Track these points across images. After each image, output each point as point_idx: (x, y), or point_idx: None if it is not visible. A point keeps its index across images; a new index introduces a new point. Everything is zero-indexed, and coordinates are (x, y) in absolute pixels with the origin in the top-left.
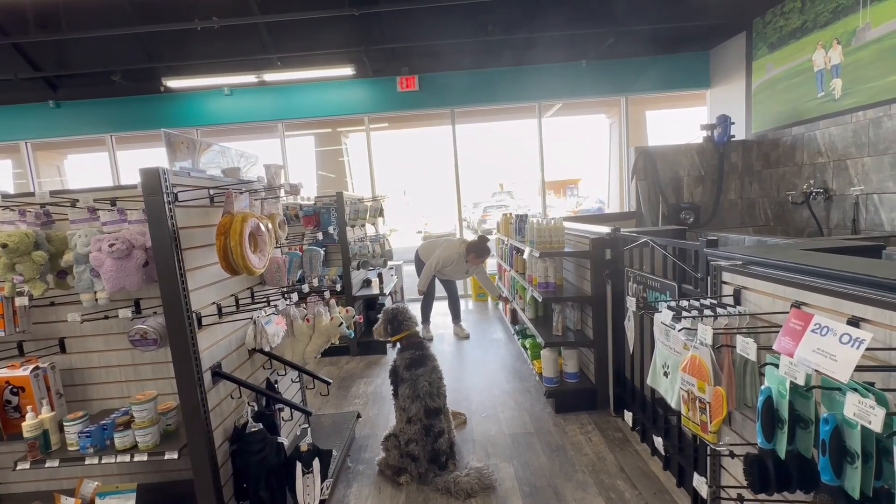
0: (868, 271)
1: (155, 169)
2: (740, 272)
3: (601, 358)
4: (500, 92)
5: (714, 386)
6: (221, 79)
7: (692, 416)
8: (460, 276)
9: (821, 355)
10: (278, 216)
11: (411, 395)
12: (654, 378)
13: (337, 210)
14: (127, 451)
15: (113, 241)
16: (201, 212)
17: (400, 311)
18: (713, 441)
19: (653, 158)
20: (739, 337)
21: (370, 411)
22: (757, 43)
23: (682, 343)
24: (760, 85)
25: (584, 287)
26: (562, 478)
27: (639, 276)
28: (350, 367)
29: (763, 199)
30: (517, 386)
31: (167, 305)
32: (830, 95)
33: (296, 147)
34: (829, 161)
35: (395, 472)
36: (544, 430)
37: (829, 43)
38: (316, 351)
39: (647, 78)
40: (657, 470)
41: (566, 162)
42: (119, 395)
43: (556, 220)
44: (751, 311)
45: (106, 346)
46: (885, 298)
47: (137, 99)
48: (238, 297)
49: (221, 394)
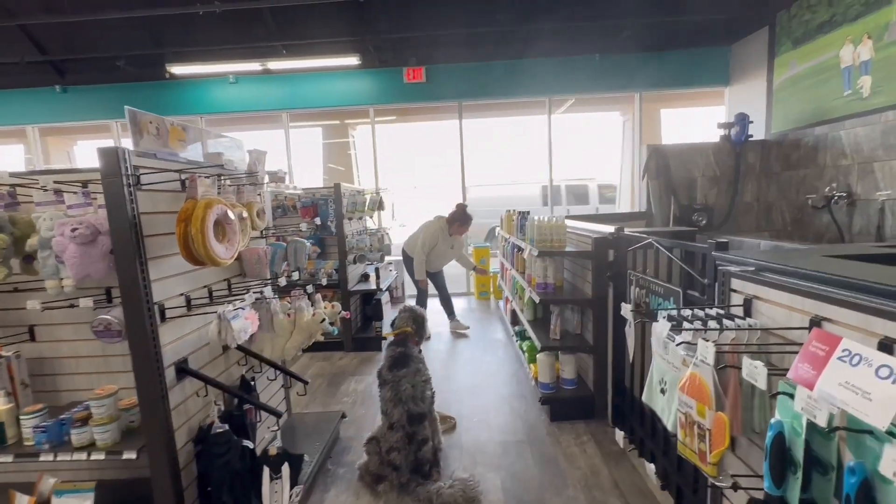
0: None
1: (114, 148)
2: (752, 279)
3: (601, 365)
4: (509, 85)
5: (715, 411)
6: (226, 66)
7: (689, 443)
8: (448, 256)
9: (850, 391)
10: (257, 204)
11: (393, 398)
12: (649, 394)
13: (335, 202)
14: (84, 449)
15: (76, 226)
16: (170, 197)
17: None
18: (712, 474)
19: (665, 157)
20: (746, 359)
21: (358, 411)
22: (780, 38)
23: (682, 358)
24: (783, 82)
25: (585, 289)
26: (551, 492)
27: (642, 280)
28: (343, 363)
29: (781, 202)
30: (513, 390)
31: (125, 295)
32: (858, 94)
33: (303, 139)
34: (854, 163)
35: (374, 479)
36: (537, 439)
37: (858, 38)
38: (296, 348)
39: (664, 74)
40: (654, 489)
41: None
42: (88, 387)
43: (558, 217)
44: (763, 325)
45: (75, 335)
46: None
47: (142, 85)
48: (212, 289)
49: (187, 391)
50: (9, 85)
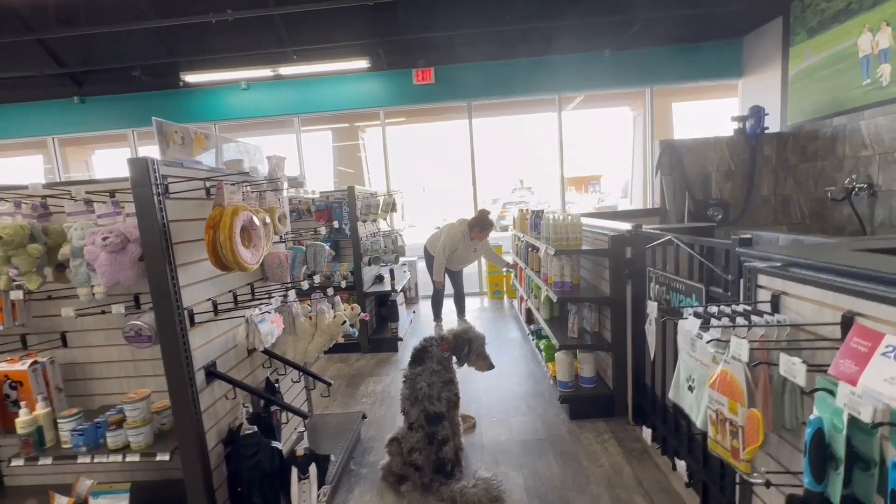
0: None
1: (143, 159)
2: (780, 275)
3: (620, 363)
4: (518, 84)
5: (749, 407)
6: (238, 73)
7: (721, 440)
8: (470, 259)
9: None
10: (278, 209)
11: (409, 396)
12: (676, 392)
13: (348, 205)
14: (119, 451)
15: (106, 235)
16: (197, 205)
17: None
18: (745, 470)
19: (679, 152)
20: (784, 355)
21: (378, 411)
22: (795, 28)
23: (711, 356)
24: (798, 73)
25: (602, 287)
26: (574, 490)
27: (662, 277)
28: (360, 364)
29: (798, 194)
30: (530, 389)
31: (157, 301)
32: (877, 83)
33: (313, 142)
34: (875, 154)
35: (397, 479)
36: (557, 438)
37: (876, 26)
38: (318, 350)
39: (675, 68)
40: (679, 486)
41: (588, 157)
42: (119, 391)
43: (574, 216)
44: (793, 321)
45: (106, 340)
46: None
47: (157, 94)
48: (237, 293)
49: (216, 394)
50: (29, 97)
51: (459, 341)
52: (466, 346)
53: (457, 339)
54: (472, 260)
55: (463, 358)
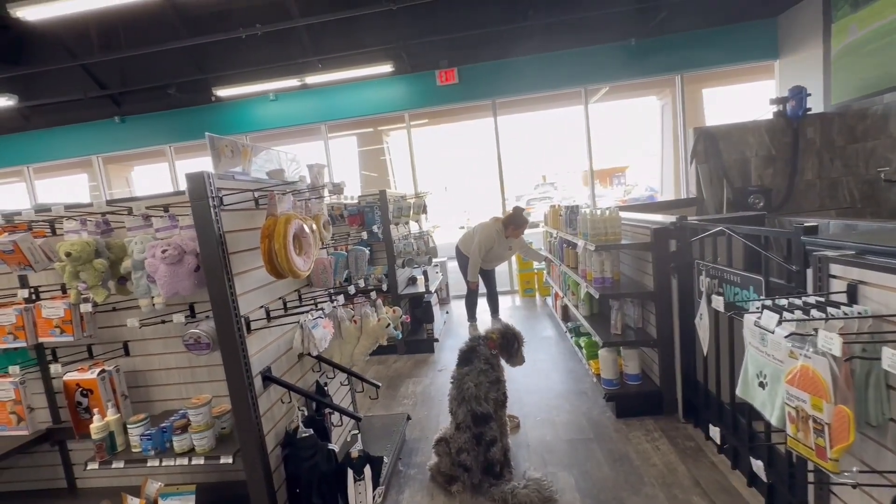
0: None
1: (200, 174)
2: (858, 264)
3: (667, 359)
4: (542, 79)
5: (835, 404)
6: (266, 85)
7: (803, 438)
8: (505, 257)
9: None
10: (322, 216)
11: (457, 396)
12: (745, 389)
13: (380, 208)
14: (185, 455)
15: (165, 248)
16: (247, 215)
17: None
18: (833, 470)
19: (714, 139)
20: (887, 349)
21: (420, 412)
22: (836, 3)
23: (787, 350)
24: (841, 49)
25: (646, 282)
26: (628, 490)
27: (713, 270)
28: (398, 366)
29: (847, 177)
30: (572, 387)
31: (216, 310)
32: None
33: (339, 148)
34: None
35: (447, 480)
36: (605, 437)
37: None
38: (364, 352)
39: (706, 52)
40: (740, 486)
41: (612, 149)
42: (178, 397)
43: (612, 210)
44: (875, 312)
45: (165, 349)
46: None
47: (191, 110)
48: (286, 299)
49: (272, 398)
50: (75, 120)
51: (507, 338)
52: (515, 342)
53: (504, 337)
54: (506, 258)
55: (513, 354)
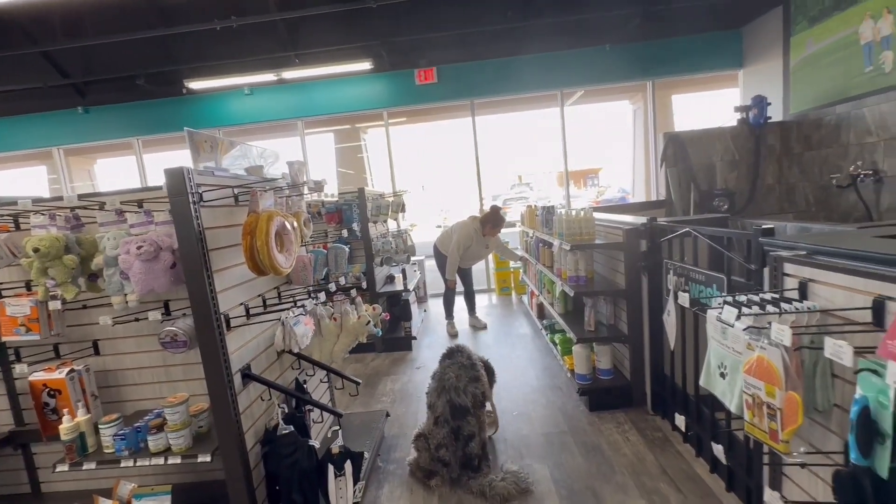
0: None
1: (179, 169)
2: (808, 263)
3: (637, 354)
4: (520, 81)
5: (786, 391)
6: (241, 79)
7: (758, 423)
8: (482, 255)
9: None
10: (303, 214)
11: (437, 388)
12: (707, 379)
13: (359, 206)
14: (161, 454)
15: (140, 244)
16: (226, 211)
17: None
18: (784, 451)
19: (683, 144)
20: (828, 339)
21: (398, 409)
22: (795, 17)
23: (745, 342)
24: (799, 62)
25: (617, 280)
26: (600, 479)
27: (680, 269)
28: (376, 364)
29: (804, 183)
30: (547, 383)
31: (195, 307)
32: (880, 69)
33: (315, 145)
34: (880, 140)
35: (426, 474)
36: (578, 429)
37: (878, 13)
38: (344, 350)
39: (675, 60)
40: (703, 472)
41: (586, 151)
42: (152, 397)
43: (587, 210)
44: (822, 307)
45: (138, 347)
46: None
47: (161, 102)
48: (265, 297)
49: (252, 396)
50: (34, 109)
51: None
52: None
53: (486, 366)
54: (483, 257)
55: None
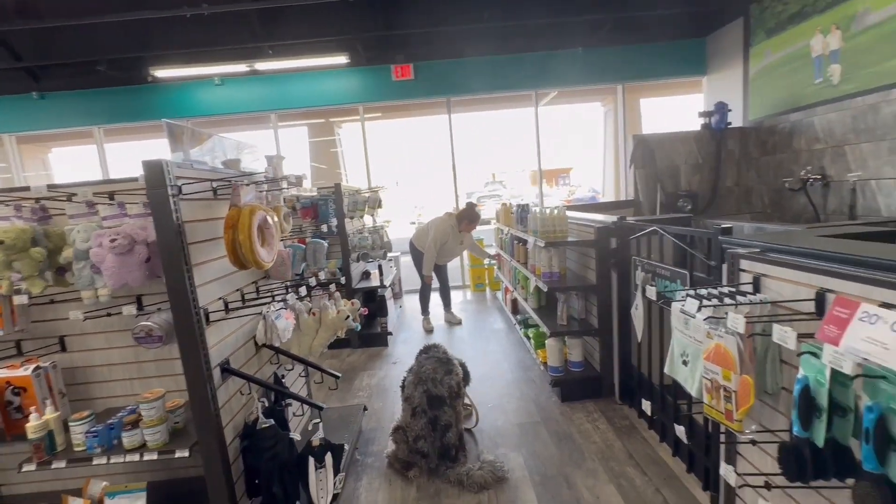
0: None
1: (158, 161)
2: (760, 259)
3: (606, 346)
4: (496, 80)
5: (741, 374)
6: (211, 68)
7: (716, 405)
8: (457, 252)
9: (871, 344)
10: (283, 208)
11: (414, 380)
12: (671, 367)
13: (335, 202)
14: (136, 451)
15: (114, 237)
16: (204, 205)
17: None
18: (738, 429)
19: (651, 147)
20: (776, 326)
21: (375, 404)
22: (754, 29)
23: (705, 331)
24: (758, 71)
25: (589, 276)
26: (571, 466)
27: (647, 265)
28: (352, 359)
29: (760, 185)
30: (521, 375)
31: (174, 301)
32: (828, 81)
33: (288, 138)
34: (827, 147)
35: (404, 466)
36: (551, 419)
37: (827, 28)
38: (323, 344)
39: (644, 65)
40: (666, 456)
41: (558, 151)
42: (123, 394)
43: (560, 209)
44: (772, 299)
45: (108, 343)
46: None
47: (125, 90)
48: (244, 291)
49: (230, 390)
50: None
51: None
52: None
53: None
54: (458, 253)
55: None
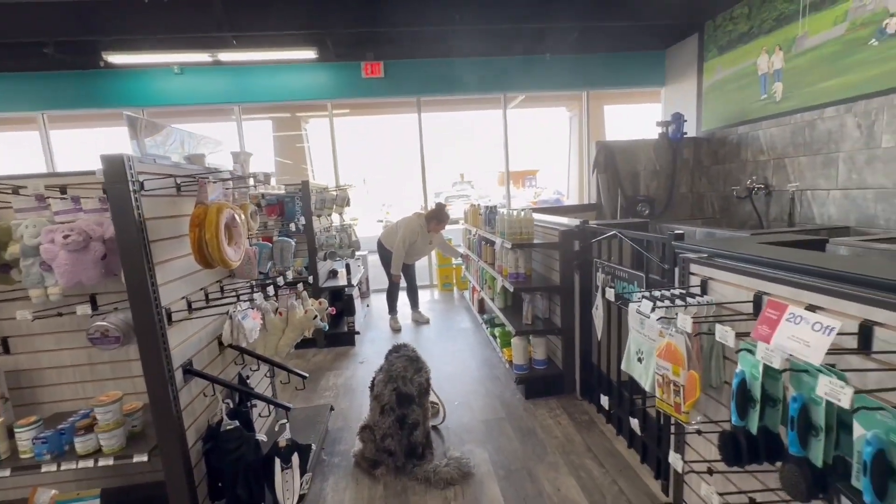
0: (821, 263)
1: (119, 156)
2: (707, 264)
3: (568, 344)
4: (466, 82)
5: (688, 370)
6: (171, 56)
7: (666, 398)
8: (426, 251)
9: (795, 342)
10: (250, 206)
11: (384, 378)
12: (628, 364)
13: (302, 199)
14: (90, 456)
15: (68, 233)
16: (167, 201)
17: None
18: (686, 420)
19: (613, 153)
20: (718, 325)
21: (342, 403)
22: (708, 45)
23: (658, 330)
24: (710, 85)
25: (553, 277)
26: (534, 460)
27: (608, 267)
28: (318, 359)
29: (711, 193)
30: (487, 373)
31: (134, 301)
32: (772, 98)
33: (252, 131)
34: (770, 159)
35: (371, 464)
36: (515, 415)
37: (772, 49)
38: (289, 344)
39: (608, 74)
40: (622, 448)
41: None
42: (74, 397)
43: (527, 211)
44: (717, 301)
45: (57, 345)
46: (837, 289)
47: (74, 74)
48: (208, 291)
49: (193, 392)
50: None
51: None
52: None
53: None
54: (426, 252)
55: None
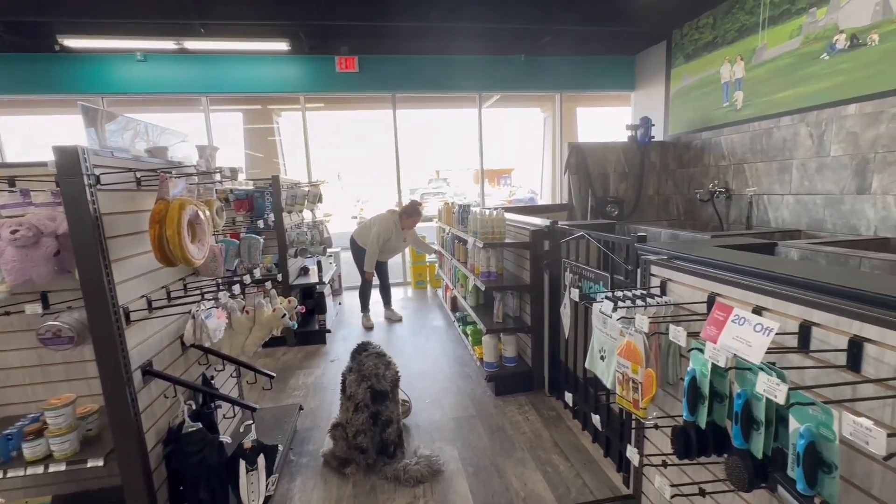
0: (768, 267)
1: (74, 147)
2: (666, 266)
3: (538, 343)
4: (441, 80)
5: (646, 368)
6: (133, 42)
7: (626, 395)
8: (399, 249)
9: (739, 342)
10: (215, 202)
11: (357, 378)
12: (591, 362)
13: (273, 195)
14: (40, 462)
15: (16, 227)
16: (126, 196)
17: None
18: (643, 416)
19: (584, 154)
20: (672, 326)
21: (312, 402)
22: (675, 52)
23: (619, 330)
24: (677, 91)
25: (523, 276)
26: (503, 456)
27: (575, 267)
28: (287, 358)
29: (676, 195)
30: (458, 371)
31: (89, 300)
32: (733, 106)
33: (221, 123)
34: (731, 164)
35: (341, 463)
36: (485, 413)
37: (734, 58)
38: (256, 344)
39: (579, 77)
40: (587, 443)
41: (500, 152)
42: (23, 401)
43: (499, 211)
44: (675, 301)
45: (4, 345)
46: (781, 291)
47: (26, 57)
48: (170, 289)
49: (153, 393)
50: None
51: None
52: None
53: None
54: (400, 250)
55: None
